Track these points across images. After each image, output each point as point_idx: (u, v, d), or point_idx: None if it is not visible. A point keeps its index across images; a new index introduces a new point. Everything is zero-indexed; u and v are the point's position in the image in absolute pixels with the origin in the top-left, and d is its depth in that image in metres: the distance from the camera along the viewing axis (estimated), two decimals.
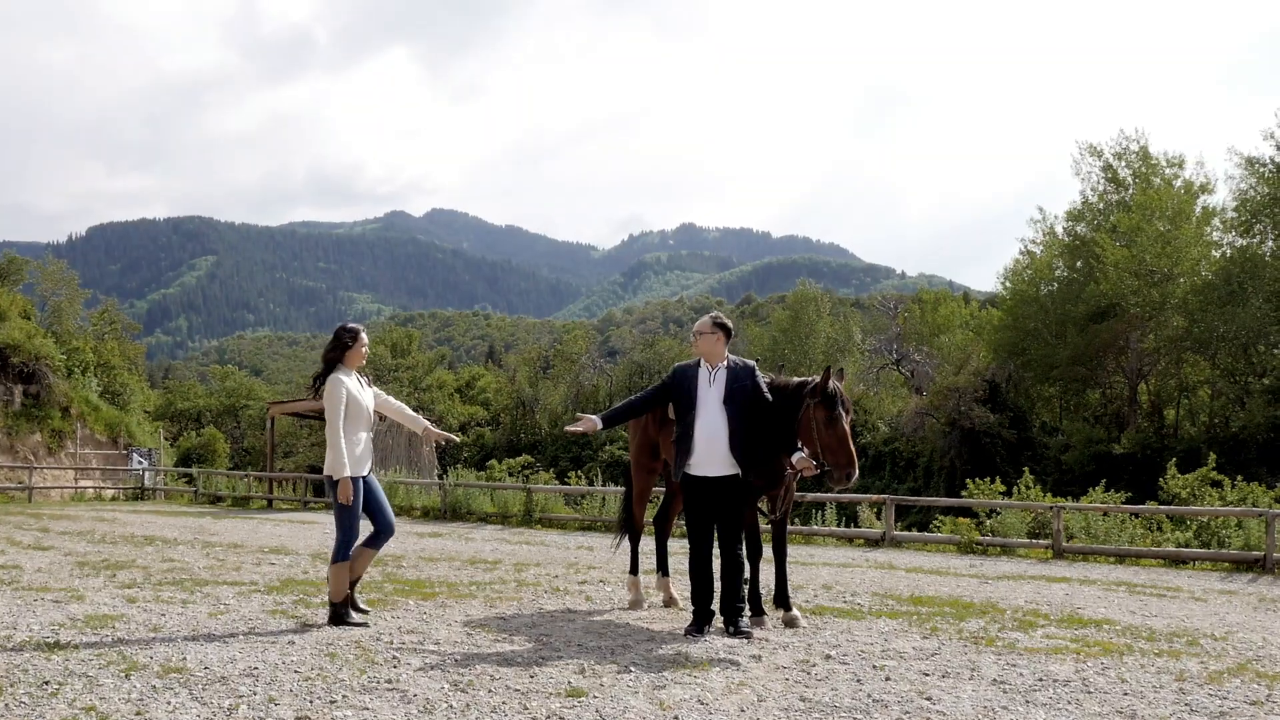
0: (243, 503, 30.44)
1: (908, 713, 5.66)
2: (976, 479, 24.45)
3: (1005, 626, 8.71)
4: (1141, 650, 7.73)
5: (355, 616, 8.31)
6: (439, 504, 24.56)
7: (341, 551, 8.29)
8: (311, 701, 5.73)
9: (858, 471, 7.95)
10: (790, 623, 8.49)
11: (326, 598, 8.63)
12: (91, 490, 35.10)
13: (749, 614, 8.29)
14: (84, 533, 18.05)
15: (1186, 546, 16.81)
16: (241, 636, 7.65)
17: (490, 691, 5.98)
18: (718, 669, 6.68)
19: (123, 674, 6.29)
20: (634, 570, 9.90)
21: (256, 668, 6.52)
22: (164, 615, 8.58)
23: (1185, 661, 7.32)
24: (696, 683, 6.28)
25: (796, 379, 8.55)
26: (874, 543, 18.20)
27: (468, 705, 5.67)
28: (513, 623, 8.50)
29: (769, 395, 8.36)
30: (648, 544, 10.57)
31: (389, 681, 6.19)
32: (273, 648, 7.19)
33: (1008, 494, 21.70)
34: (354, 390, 8.28)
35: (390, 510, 8.58)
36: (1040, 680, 6.51)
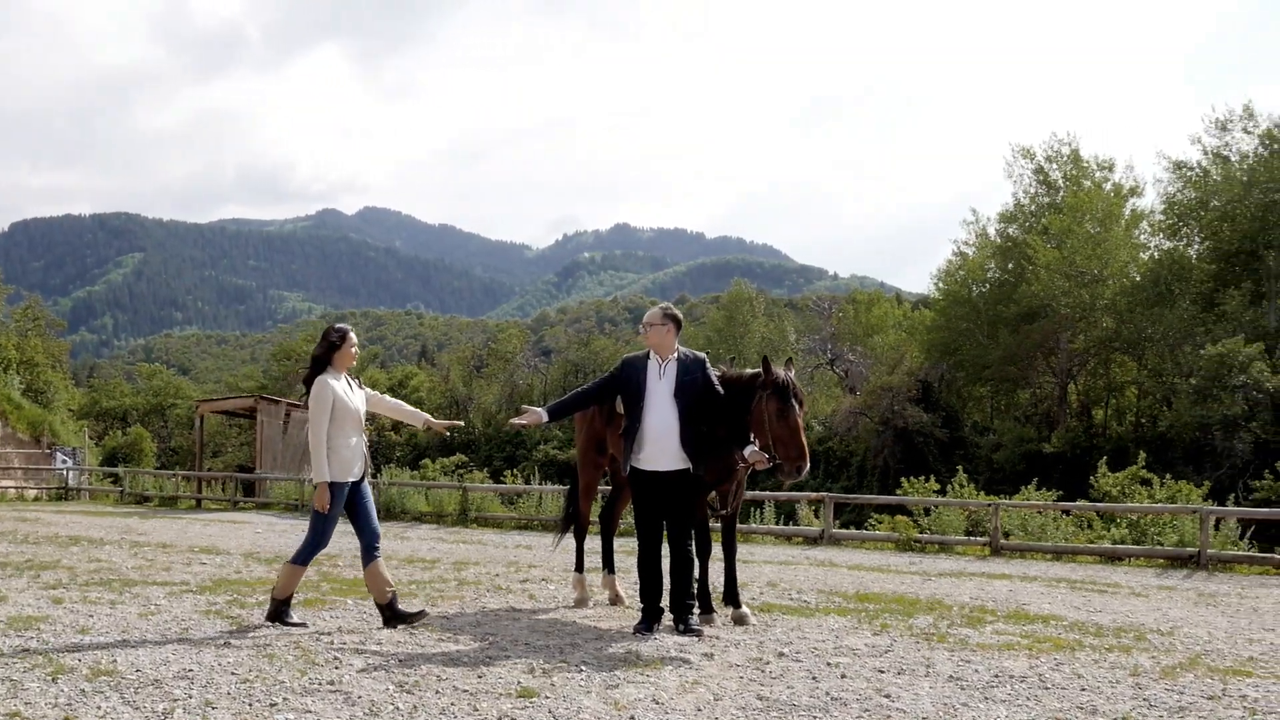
0: (170, 503, 29.84)
1: (867, 710, 5.54)
2: (911, 478, 24.56)
3: (954, 623, 8.65)
4: (1092, 646, 7.68)
5: (294, 617, 8.06)
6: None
7: (304, 555, 8.01)
8: (250, 704, 5.49)
9: (809, 465, 7.82)
10: (740, 620, 8.36)
11: (270, 594, 8.29)
12: (13, 490, 34.23)
13: (698, 611, 8.15)
14: (6, 533, 17.53)
15: (1122, 543, 16.93)
16: (174, 638, 7.38)
17: (437, 693, 5.78)
18: (670, 668, 6.53)
19: (49, 677, 6.00)
20: (579, 568, 9.72)
21: (191, 670, 6.26)
22: (92, 616, 8.27)
23: (1136, 657, 7.28)
24: (650, 682, 6.12)
25: (749, 371, 8.39)
26: (812, 541, 18.15)
27: (414, 707, 5.47)
28: (456, 622, 8.29)
29: (720, 389, 8.20)
30: (593, 542, 10.38)
31: (331, 683, 5.97)
32: (208, 649, 6.93)
33: (942, 492, 21.79)
34: (341, 392, 8.01)
35: (376, 519, 8.26)
36: (996, 677, 6.43)
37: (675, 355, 8.19)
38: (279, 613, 8.01)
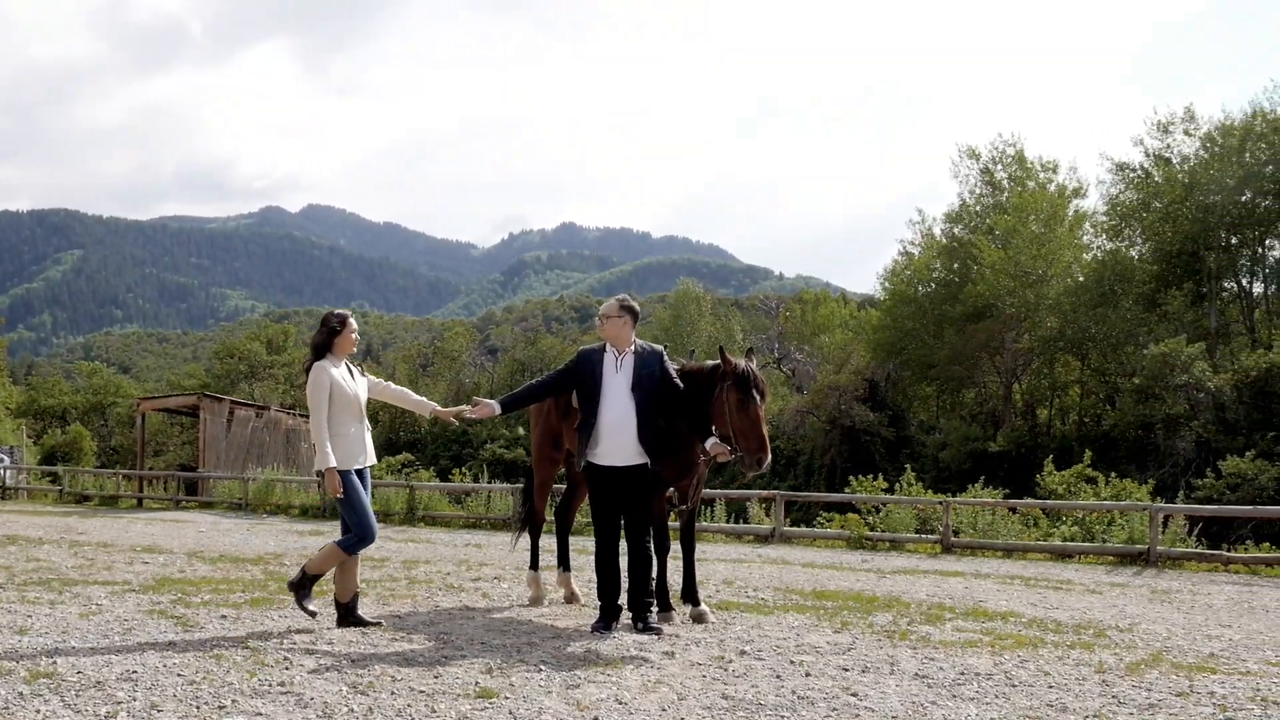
0: (111, 502, 29.29)
1: (835, 710, 5.42)
2: (858, 476, 24.61)
3: (914, 620, 8.57)
4: (1054, 643, 7.62)
5: (311, 604, 7.83)
6: (318, 502, 23.90)
7: (353, 546, 7.83)
8: (198, 707, 5.28)
9: (770, 457, 7.69)
10: (699, 618, 8.22)
11: (334, 600, 8.01)
12: None
13: (657, 609, 8.01)
14: None
15: (1072, 541, 16.99)
16: (117, 638, 7.14)
17: (393, 694, 5.60)
18: (631, 667, 6.38)
19: None
20: (534, 566, 9.54)
21: (135, 671, 6.03)
22: (30, 617, 7.99)
23: (1099, 653, 7.23)
24: (611, 681, 5.97)
25: (710, 363, 8.24)
26: (764, 539, 18.09)
27: (370, 709, 5.28)
28: (409, 621, 8.10)
29: (680, 382, 8.05)
30: (548, 540, 10.23)
31: (282, 684, 5.77)
32: (152, 650, 6.70)
33: (890, 491, 21.83)
34: (340, 379, 7.80)
35: (372, 515, 8.05)
36: (962, 674, 6.34)
37: (632, 348, 8.03)
38: (348, 616, 7.81)
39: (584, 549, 12.41)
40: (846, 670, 6.40)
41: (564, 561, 9.56)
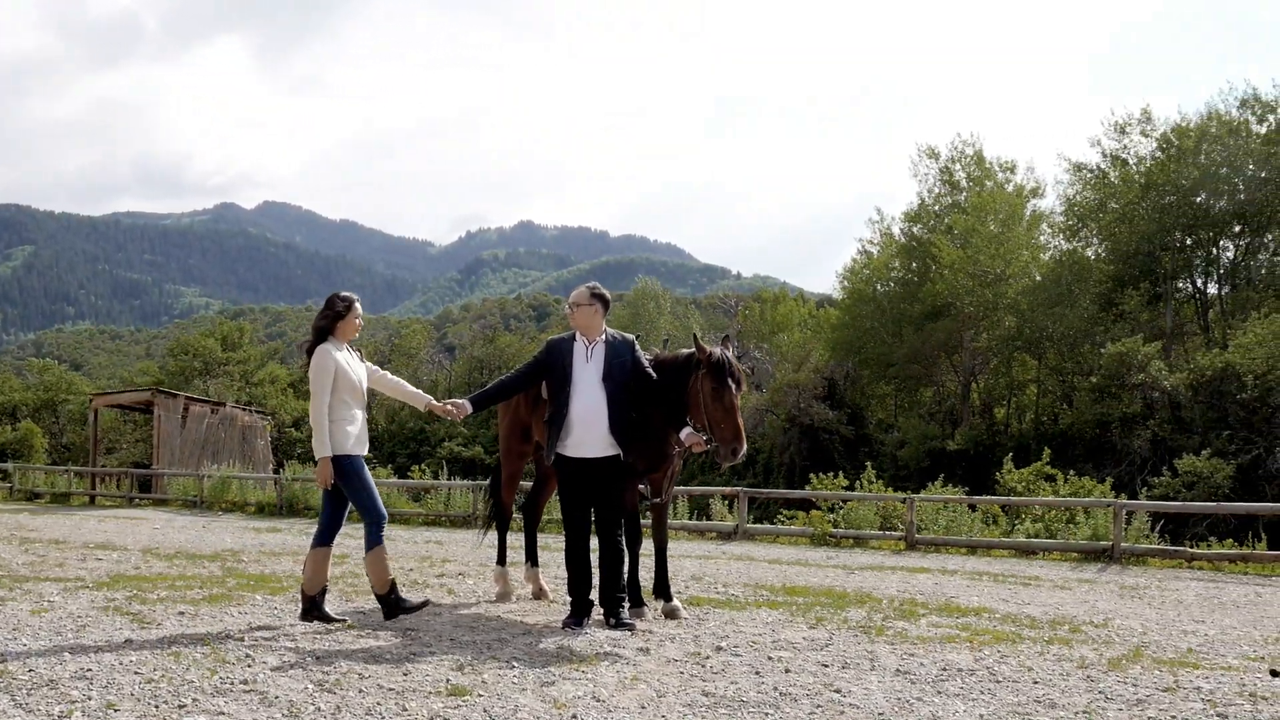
0: (63, 499, 28.80)
1: (819, 706, 5.26)
2: (819, 474, 24.60)
3: (888, 616, 8.45)
4: (1031, 638, 7.51)
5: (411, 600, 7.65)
6: (275, 499, 23.57)
7: (375, 532, 7.58)
8: (157, 706, 5.05)
9: (746, 447, 7.52)
10: (671, 614, 8.05)
11: (373, 592, 7.79)
12: None
13: (628, 605, 7.83)
14: None
15: (1037, 538, 16.97)
16: (70, 635, 6.87)
17: (361, 692, 5.39)
18: (606, 663, 6.20)
19: None
20: (501, 561, 9.35)
21: (90, 669, 5.78)
22: None
23: (1078, 649, 7.12)
24: (587, 678, 5.78)
25: (685, 351, 8.07)
26: (726, 535, 17.97)
27: (337, 708, 5.07)
28: (374, 617, 7.87)
29: (653, 372, 7.88)
30: (516, 536, 10.05)
31: (244, 682, 5.54)
32: (107, 647, 6.44)
33: (851, 488, 21.81)
34: (345, 363, 7.57)
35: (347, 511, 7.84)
36: (944, 670, 6.20)
37: (603, 337, 7.84)
38: (392, 606, 7.65)
39: (546, 545, 12.22)
40: (826, 666, 6.25)
41: (532, 557, 9.37)
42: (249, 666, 5.93)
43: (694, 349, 7.78)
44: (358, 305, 7.78)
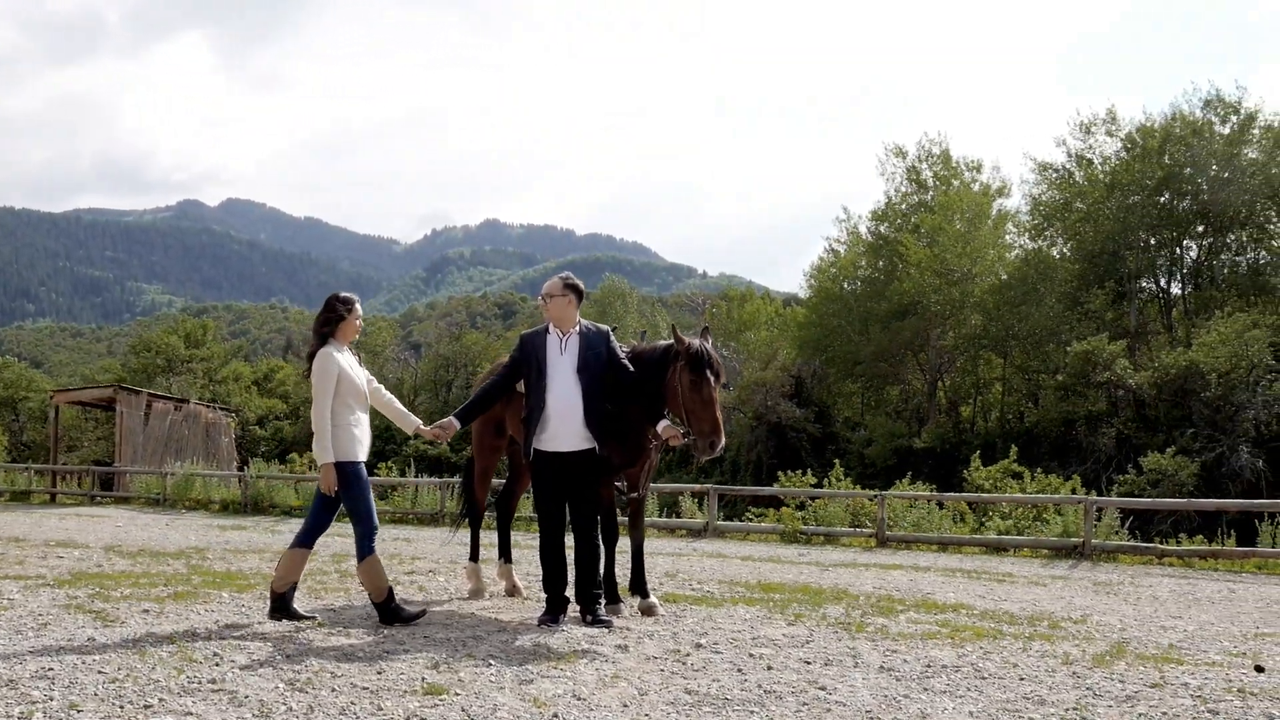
0: (23, 497, 28.36)
1: (805, 704, 5.14)
2: (786, 472, 24.56)
3: (867, 612, 8.35)
4: (1012, 635, 7.43)
5: (302, 611, 7.44)
6: (239, 497, 23.29)
7: (366, 543, 7.34)
8: (122, 706, 4.87)
9: (725, 440, 7.39)
10: (648, 610, 7.91)
11: (371, 599, 7.51)
12: None
13: (604, 602, 7.69)
14: None
15: (1008, 534, 16.96)
16: (31, 634, 6.65)
17: (334, 691, 5.23)
18: (585, 661, 6.06)
19: None
20: (474, 557, 9.19)
21: (51, 669, 5.58)
22: None
23: (1061, 645, 7.04)
24: (566, 676, 5.64)
25: (663, 343, 7.94)
26: (696, 533, 17.89)
27: (310, 708, 4.91)
28: (345, 615, 7.71)
29: (630, 366, 7.74)
30: (489, 532, 9.88)
31: (213, 681, 5.37)
32: (70, 646, 6.25)
33: (819, 486, 21.78)
34: (347, 366, 7.39)
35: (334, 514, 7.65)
36: (928, 667, 6.10)
37: (577, 328, 7.69)
38: (389, 613, 7.37)
39: (518, 543, 12.06)
40: (809, 663, 6.14)
41: (505, 553, 9.22)
42: (217, 665, 5.76)
43: (672, 340, 7.65)
44: (358, 306, 7.63)
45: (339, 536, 15.92)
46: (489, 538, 9.86)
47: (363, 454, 7.40)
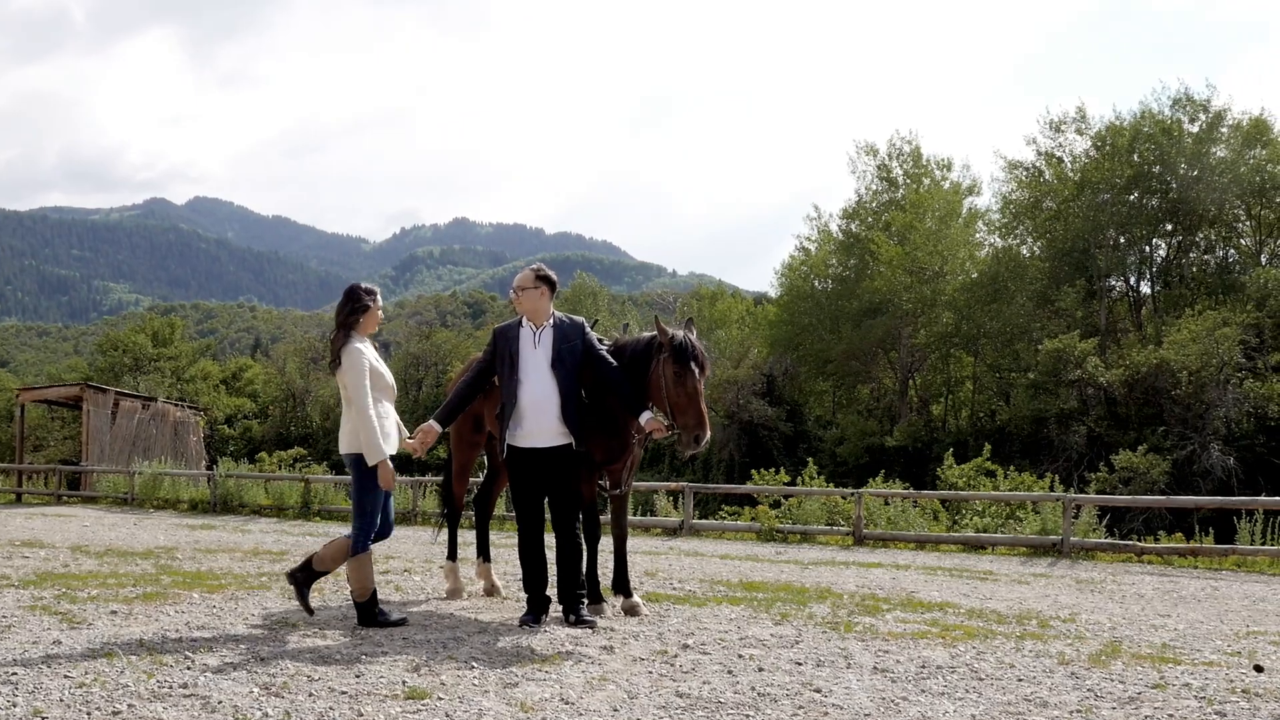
0: None
1: (801, 708, 4.97)
2: (759, 470, 24.45)
3: (853, 611, 8.20)
4: (1003, 634, 7.29)
5: (312, 600, 7.25)
6: (208, 497, 22.95)
7: (362, 541, 7.13)
8: (89, 713, 4.65)
9: (710, 434, 7.22)
10: (631, 610, 7.73)
11: (352, 600, 7.30)
12: None
13: (587, 601, 7.50)
14: None
15: (985, 532, 16.86)
16: None
17: (311, 695, 5.03)
18: (570, 663, 5.88)
19: None
20: (452, 556, 8.98)
21: (15, 674, 5.36)
22: None
23: (1054, 644, 6.90)
24: (552, 679, 5.45)
25: (646, 334, 7.75)
26: (672, 531, 17.73)
27: (286, 713, 4.70)
28: (319, 616, 7.48)
29: (612, 358, 7.55)
30: (467, 531, 9.68)
31: (184, 686, 5.16)
32: (34, 649, 6.01)
33: (792, 484, 21.69)
34: (374, 359, 7.21)
35: (393, 509, 7.42)
36: (923, 667, 5.94)
37: (550, 321, 7.50)
38: (369, 615, 7.13)
39: (495, 542, 11.85)
40: (800, 664, 5.97)
41: (483, 551, 9.02)
42: (188, 669, 5.54)
43: (655, 332, 7.47)
44: (379, 296, 7.43)
45: (308, 537, 15.70)
46: (466, 536, 9.66)
47: (390, 448, 7.18)
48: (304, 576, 7.26)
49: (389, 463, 7.05)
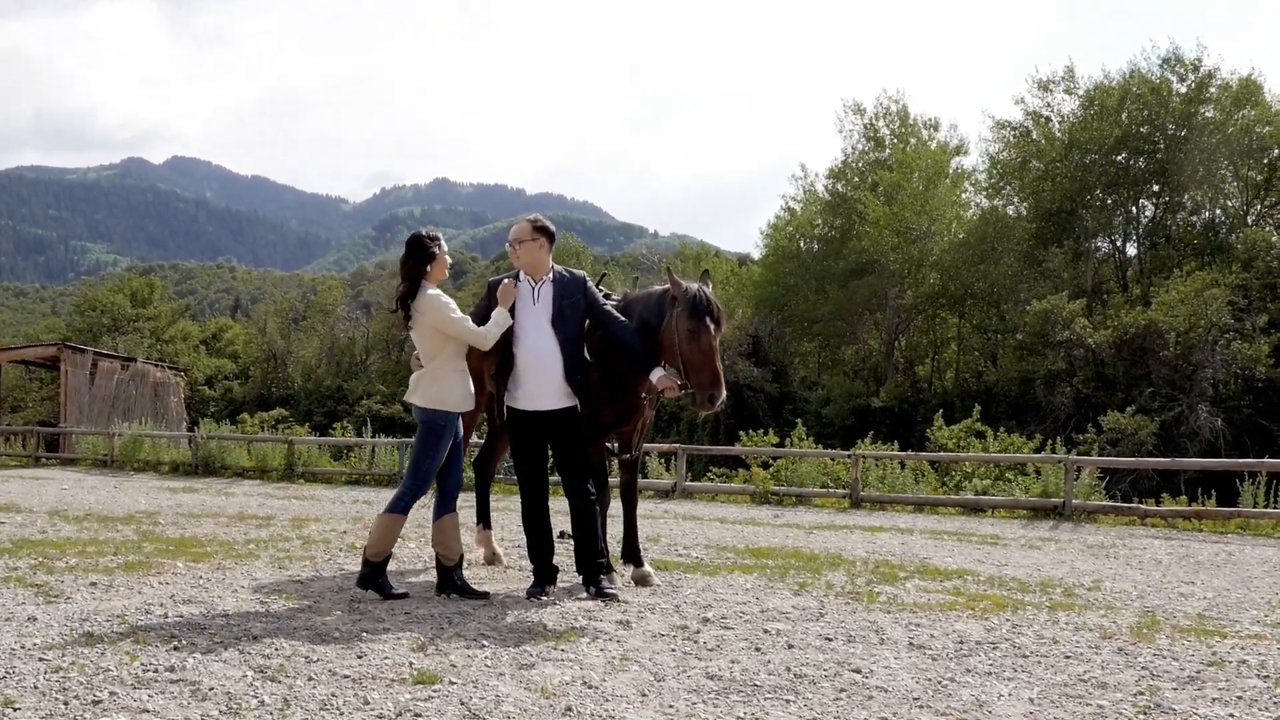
0: None
1: (843, 690, 4.59)
2: (747, 431, 24.18)
3: (871, 580, 7.85)
4: (1032, 605, 6.94)
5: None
6: (190, 459, 22.54)
7: (405, 501, 6.76)
8: (66, 702, 4.20)
9: (725, 393, 6.82)
10: (642, 580, 7.35)
11: (363, 555, 6.87)
12: None
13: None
14: None
15: (985, 494, 16.57)
16: None
17: (311, 680, 4.61)
18: (587, 640, 5.47)
19: None
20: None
21: None
22: None
23: (1087, 615, 6.56)
24: (570, 659, 5.05)
25: (659, 287, 7.33)
26: (665, 493, 17.46)
27: (285, 701, 4.28)
28: (313, 587, 7.08)
29: (620, 315, 7.12)
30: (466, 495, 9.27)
31: (171, 670, 4.72)
32: (7, 627, 5.56)
33: (781, 445, 21.45)
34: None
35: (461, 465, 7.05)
36: (961, 643, 5.57)
37: (550, 275, 7.06)
38: (372, 579, 6.75)
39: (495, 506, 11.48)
40: (830, 640, 5.60)
41: (484, 518, 8.61)
42: (175, 649, 5.12)
43: (668, 285, 7.05)
44: (444, 242, 7.02)
45: (295, 500, 15.31)
46: (468, 500, 9.28)
47: (465, 405, 6.86)
48: (446, 580, 6.88)
49: (510, 285, 6.89)
